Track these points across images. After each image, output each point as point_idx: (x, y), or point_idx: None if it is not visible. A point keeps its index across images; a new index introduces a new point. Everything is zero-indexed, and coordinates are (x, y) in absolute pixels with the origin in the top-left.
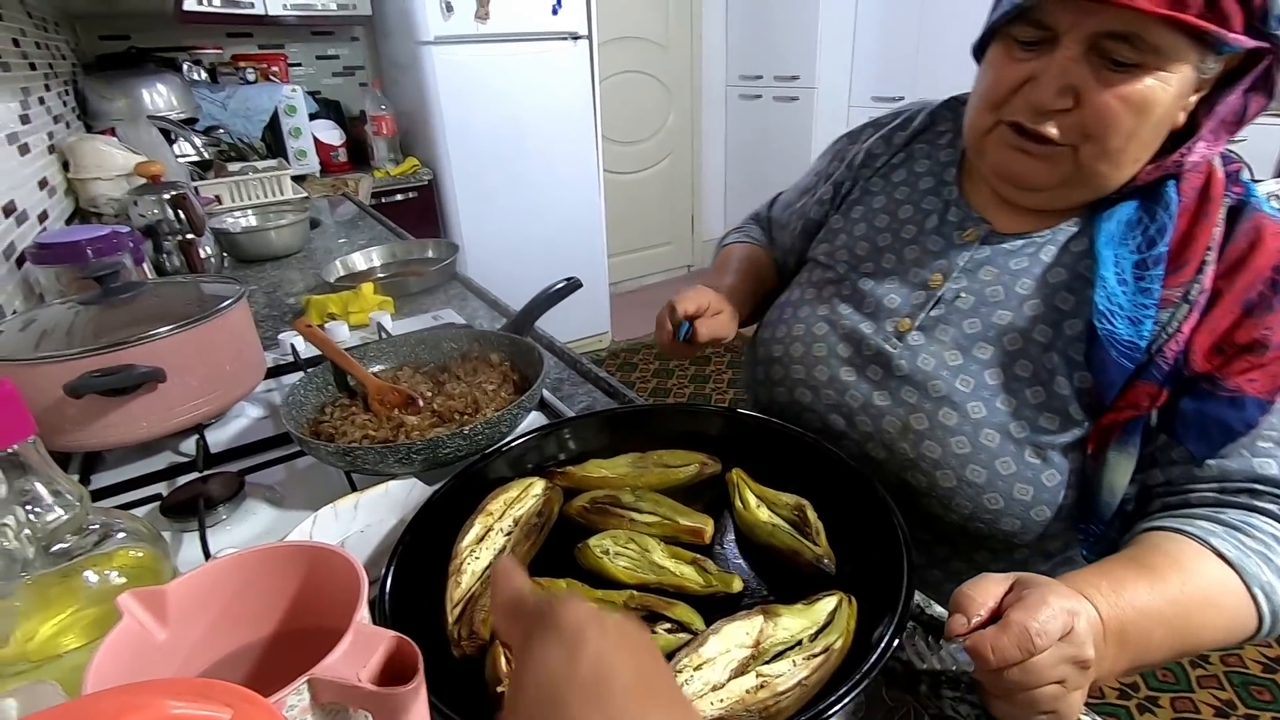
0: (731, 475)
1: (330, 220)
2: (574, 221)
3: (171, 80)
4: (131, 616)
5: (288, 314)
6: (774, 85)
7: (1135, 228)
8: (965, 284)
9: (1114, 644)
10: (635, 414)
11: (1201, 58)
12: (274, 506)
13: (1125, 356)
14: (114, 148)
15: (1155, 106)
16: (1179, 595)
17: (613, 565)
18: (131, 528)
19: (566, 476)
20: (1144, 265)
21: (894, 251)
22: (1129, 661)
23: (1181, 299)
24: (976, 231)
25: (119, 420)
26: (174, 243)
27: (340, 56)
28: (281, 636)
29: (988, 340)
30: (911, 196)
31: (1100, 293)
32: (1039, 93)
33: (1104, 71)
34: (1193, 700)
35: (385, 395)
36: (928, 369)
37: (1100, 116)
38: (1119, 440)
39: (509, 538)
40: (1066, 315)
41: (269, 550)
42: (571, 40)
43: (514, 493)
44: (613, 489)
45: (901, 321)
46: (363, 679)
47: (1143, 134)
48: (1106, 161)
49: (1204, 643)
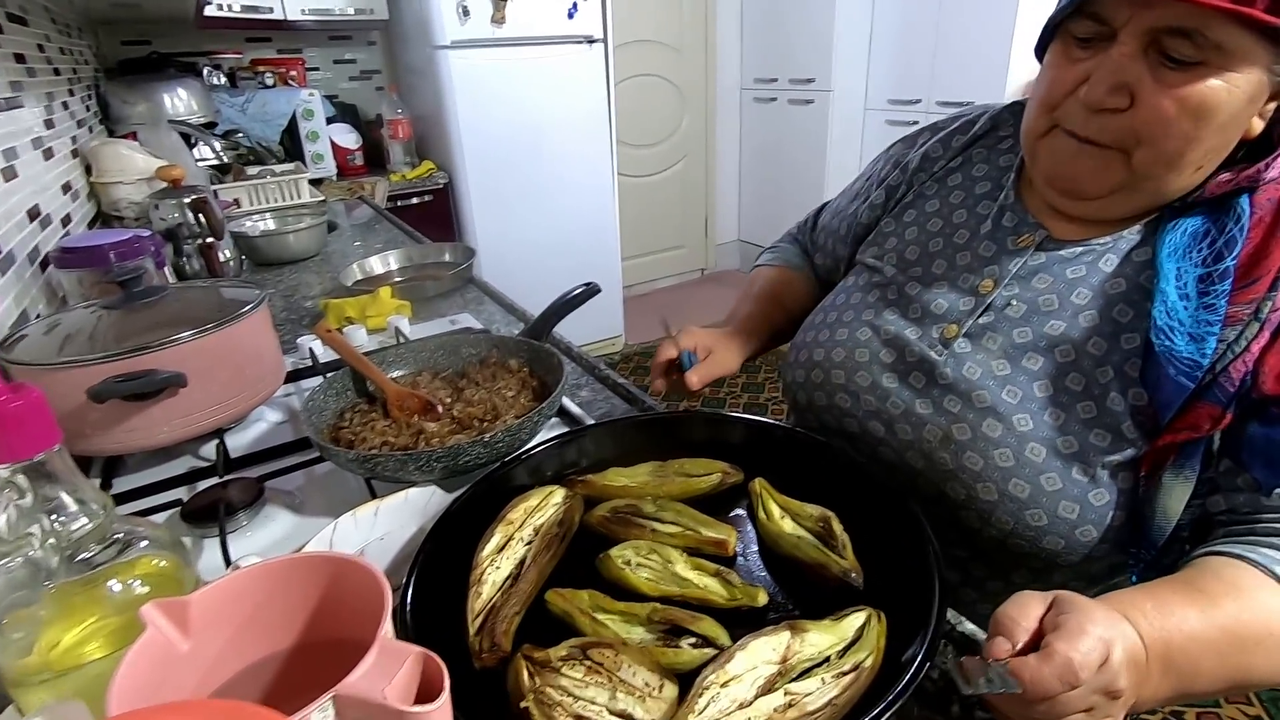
0: (754, 485)
1: (347, 224)
2: (588, 225)
3: (192, 85)
4: (155, 627)
5: (305, 318)
6: (789, 88)
7: (1202, 240)
8: (1017, 291)
9: (1157, 669)
10: (655, 422)
11: (1275, 59)
12: (293, 512)
13: (1184, 375)
14: (135, 152)
15: (1217, 110)
16: (1233, 624)
17: (635, 577)
18: (154, 536)
19: (587, 485)
20: (1209, 280)
21: (945, 257)
22: (1173, 689)
23: (1252, 317)
24: (1032, 237)
25: (140, 425)
26: (194, 246)
27: (357, 61)
28: (303, 648)
29: (1038, 350)
30: (966, 201)
31: (1159, 307)
32: (1092, 90)
33: (1162, 70)
34: (1219, 715)
35: (405, 401)
36: (973, 378)
37: (1154, 118)
38: (1176, 463)
39: (529, 547)
40: (1124, 328)
41: (293, 561)
42: (587, 44)
43: (534, 501)
44: (634, 498)
45: (948, 328)
46: (389, 697)
47: (1205, 140)
48: (1162, 166)
49: (1260, 678)
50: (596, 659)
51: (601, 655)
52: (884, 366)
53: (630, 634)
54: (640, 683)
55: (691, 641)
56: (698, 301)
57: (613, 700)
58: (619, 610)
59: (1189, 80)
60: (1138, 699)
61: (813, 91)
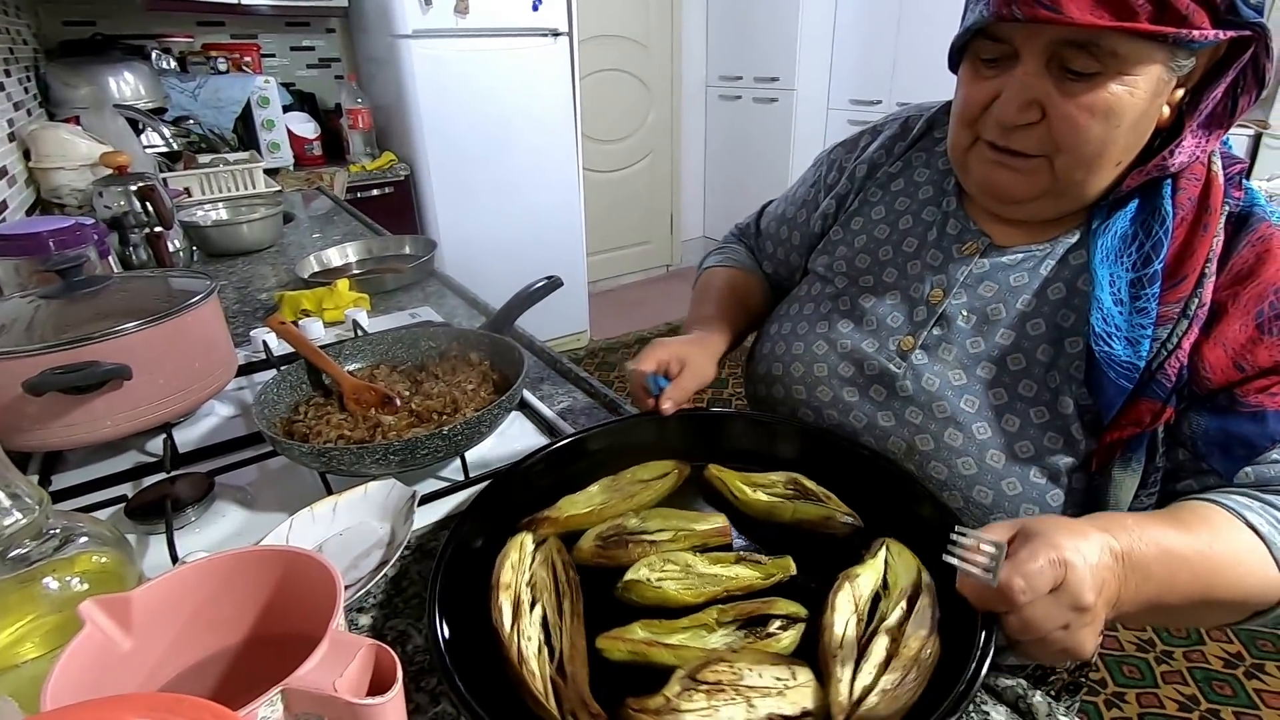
0: (710, 472)
1: (304, 215)
2: (553, 219)
3: (139, 68)
4: (94, 625)
5: (260, 310)
6: (754, 86)
7: (1131, 243)
8: (966, 300)
9: (1136, 576)
10: (582, 442)
11: (1170, 56)
12: (245, 508)
13: (1124, 377)
14: (78, 136)
15: (1124, 112)
16: (1206, 548)
17: (673, 591)
18: (94, 532)
19: (551, 523)
20: (1140, 284)
21: (895, 265)
22: (1152, 596)
23: (1180, 314)
24: (976, 245)
25: (82, 419)
26: (141, 236)
27: (316, 48)
28: (255, 643)
29: (991, 360)
30: (911, 208)
31: (1096, 314)
32: (1003, 110)
33: (1066, 82)
34: (1158, 695)
35: (361, 394)
36: (932, 389)
37: (1067, 128)
38: (1123, 457)
39: (540, 606)
40: (1067, 333)
41: (242, 554)
42: (552, 37)
43: (514, 556)
44: (610, 520)
45: (904, 340)
46: (339, 689)
47: (1119, 139)
48: (1082, 170)
49: (1226, 597)
50: (712, 679)
51: (715, 673)
52: (844, 380)
53: (714, 643)
54: (771, 680)
55: (779, 624)
56: (663, 297)
57: (752, 710)
58: (684, 627)
59: (1092, 89)
60: (1119, 601)
61: (777, 90)
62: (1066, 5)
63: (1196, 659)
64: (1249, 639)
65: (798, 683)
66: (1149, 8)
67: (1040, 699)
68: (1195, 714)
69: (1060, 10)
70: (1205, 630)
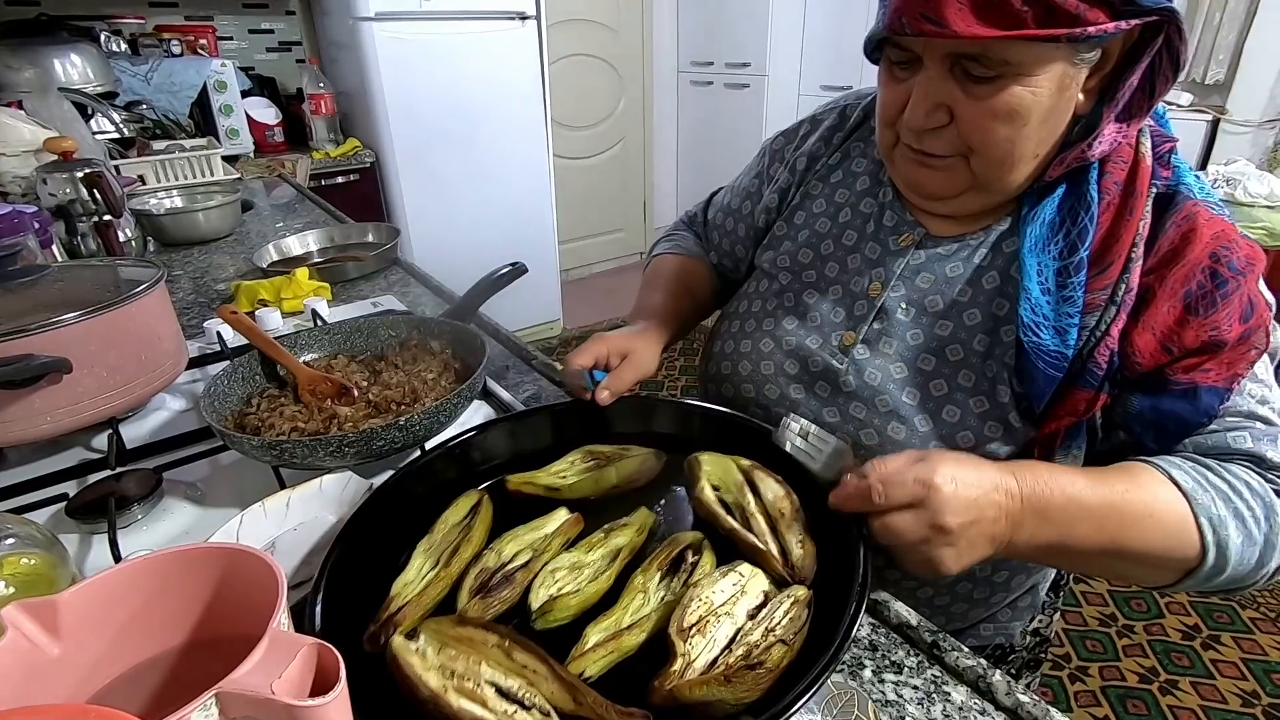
0: (512, 486)
1: (265, 203)
2: (523, 207)
3: (87, 51)
4: (17, 630)
5: (216, 300)
6: (725, 72)
7: (1058, 231)
8: (904, 292)
9: (1032, 517)
10: None
11: (1072, 52)
12: (195, 505)
13: (1052, 366)
14: (20, 121)
15: (1028, 112)
16: (1118, 499)
17: (589, 589)
18: (23, 533)
19: (406, 619)
20: (1066, 272)
21: (836, 259)
22: (1052, 539)
23: (1108, 301)
24: (912, 236)
25: (19, 414)
26: (89, 224)
27: (275, 31)
28: (197, 646)
29: (930, 351)
30: (850, 200)
31: (1024, 304)
32: (912, 115)
33: (969, 85)
34: (1119, 668)
35: (317, 385)
36: (874, 383)
37: (974, 130)
38: (1064, 445)
39: (487, 686)
40: (1002, 321)
41: (179, 553)
42: (519, 20)
43: (420, 673)
44: (454, 577)
45: (846, 335)
46: (277, 691)
47: (1028, 136)
48: (997, 167)
49: (1136, 549)
50: (694, 620)
51: (692, 615)
52: (790, 378)
53: (658, 600)
54: (729, 589)
55: (692, 555)
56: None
57: (735, 618)
58: (625, 607)
59: (995, 92)
60: (1012, 539)
61: (748, 75)
62: (951, 19)
63: (1156, 632)
64: (1206, 611)
65: (747, 577)
66: (1033, 12)
67: (1000, 678)
68: (1155, 685)
69: (946, 24)
70: (1163, 604)
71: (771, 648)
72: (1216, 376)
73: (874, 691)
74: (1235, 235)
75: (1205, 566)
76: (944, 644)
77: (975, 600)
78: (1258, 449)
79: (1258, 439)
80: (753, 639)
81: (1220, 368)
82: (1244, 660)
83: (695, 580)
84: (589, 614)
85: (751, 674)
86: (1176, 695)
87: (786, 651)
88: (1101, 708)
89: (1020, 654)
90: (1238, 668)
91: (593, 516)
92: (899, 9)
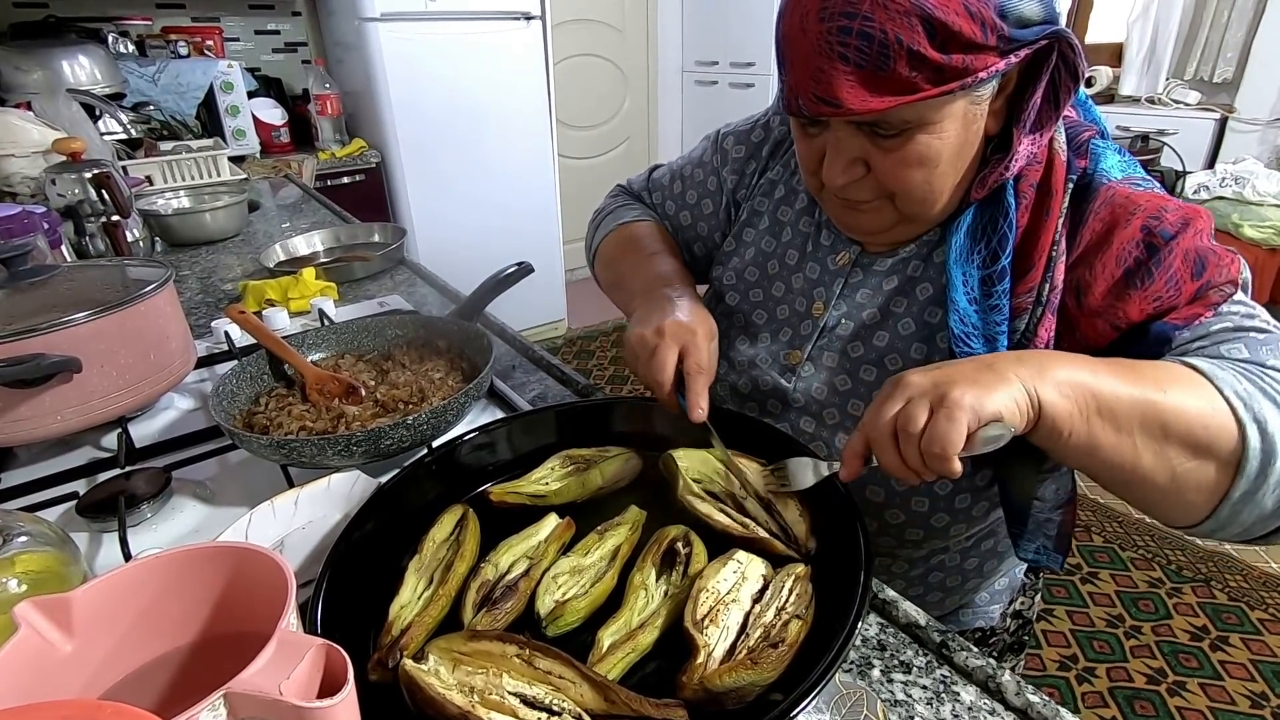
0: (495, 498)
1: (272, 203)
2: (528, 207)
3: (95, 52)
4: (30, 628)
5: (223, 300)
6: (730, 71)
7: (980, 240)
8: (845, 310)
9: (1051, 357)
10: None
11: (969, 93)
12: (204, 504)
13: None
14: (29, 122)
15: (938, 156)
16: (1136, 364)
17: (594, 591)
18: (36, 531)
19: (410, 640)
20: (990, 281)
21: (781, 279)
22: (1085, 379)
23: (1034, 303)
24: (848, 255)
25: (30, 413)
26: (97, 225)
27: (281, 32)
28: (205, 644)
29: (870, 363)
30: (789, 217)
31: (954, 315)
32: (829, 172)
33: (878, 139)
34: (1127, 670)
35: (324, 384)
36: (820, 398)
37: (891, 178)
38: (1019, 449)
39: (513, 697)
40: (937, 329)
41: (190, 552)
42: (524, 20)
43: (441, 691)
44: (454, 593)
45: (793, 354)
46: (285, 692)
47: (945, 173)
48: (921, 205)
49: (1172, 409)
50: (705, 611)
51: (703, 607)
52: (744, 397)
53: (661, 596)
54: (730, 577)
55: (684, 548)
56: None
57: (742, 603)
58: (631, 606)
59: (903, 144)
60: (1037, 378)
61: (753, 75)
62: (845, 99)
63: (1164, 633)
64: (1214, 612)
65: (745, 563)
66: (923, 74)
67: (1009, 678)
68: (1163, 686)
69: (841, 104)
70: (1170, 604)
71: (788, 624)
72: (1180, 317)
73: (882, 691)
74: (1163, 202)
75: (1250, 446)
76: (953, 644)
77: (949, 589)
78: (1256, 356)
79: (1254, 347)
80: (766, 619)
81: (1182, 315)
82: (1253, 661)
83: (693, 571)
84: (596, 617)
85: (775, 652)
86: (1184, 697)
87: (802, 626)
88: (1109, 709)
89: (1002, 636)
90: (1246, 669)
91: (581, 520)
92: (794, 90)
